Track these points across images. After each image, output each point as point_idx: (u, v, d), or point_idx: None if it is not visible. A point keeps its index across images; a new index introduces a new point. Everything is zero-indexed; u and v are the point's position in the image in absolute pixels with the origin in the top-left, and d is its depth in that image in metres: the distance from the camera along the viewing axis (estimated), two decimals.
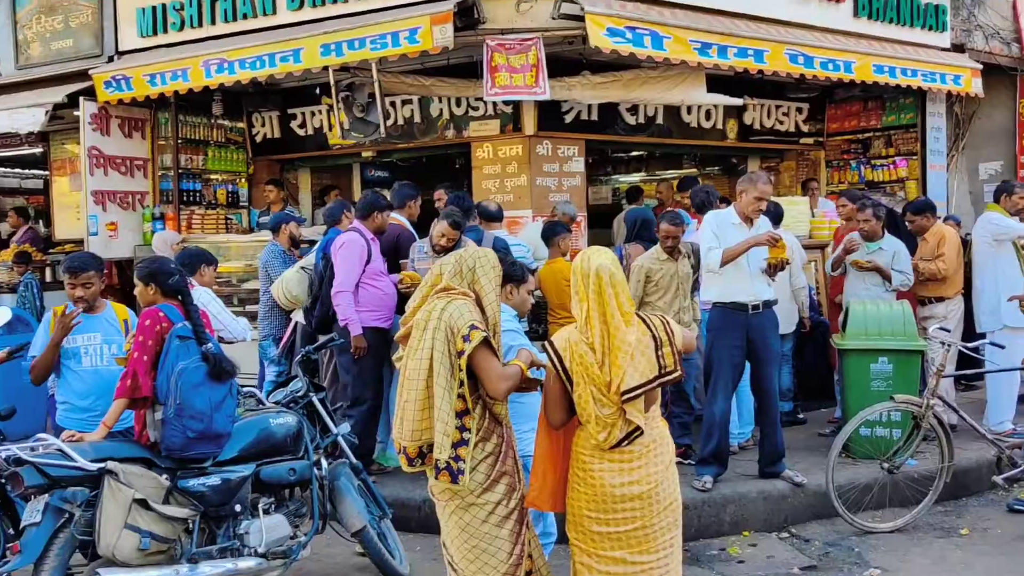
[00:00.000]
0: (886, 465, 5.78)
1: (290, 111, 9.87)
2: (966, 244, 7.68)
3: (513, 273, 4.04)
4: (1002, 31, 10.86)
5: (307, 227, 9.07)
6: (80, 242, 9.45)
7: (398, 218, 6.77)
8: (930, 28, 9.79)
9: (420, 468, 3.56)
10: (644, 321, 3.42)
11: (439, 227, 6.07)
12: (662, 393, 3.61)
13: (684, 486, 3.97)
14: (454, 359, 3.42)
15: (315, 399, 5.06)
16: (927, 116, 10.21)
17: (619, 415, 3.34)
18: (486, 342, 3.42)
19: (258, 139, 10.25)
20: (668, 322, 3.47)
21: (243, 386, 4.93)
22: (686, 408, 6.53)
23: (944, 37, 9.93)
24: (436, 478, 3.48)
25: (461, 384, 3.42)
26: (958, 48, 10.15)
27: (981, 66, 10.00)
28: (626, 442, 3.37)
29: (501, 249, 5.46)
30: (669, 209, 8.09)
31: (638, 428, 3.36)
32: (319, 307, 6.37)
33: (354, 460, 5.09)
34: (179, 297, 4.37)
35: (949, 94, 9.94)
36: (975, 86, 9.79)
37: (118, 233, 9.35)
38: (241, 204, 10.24)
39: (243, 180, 10.33)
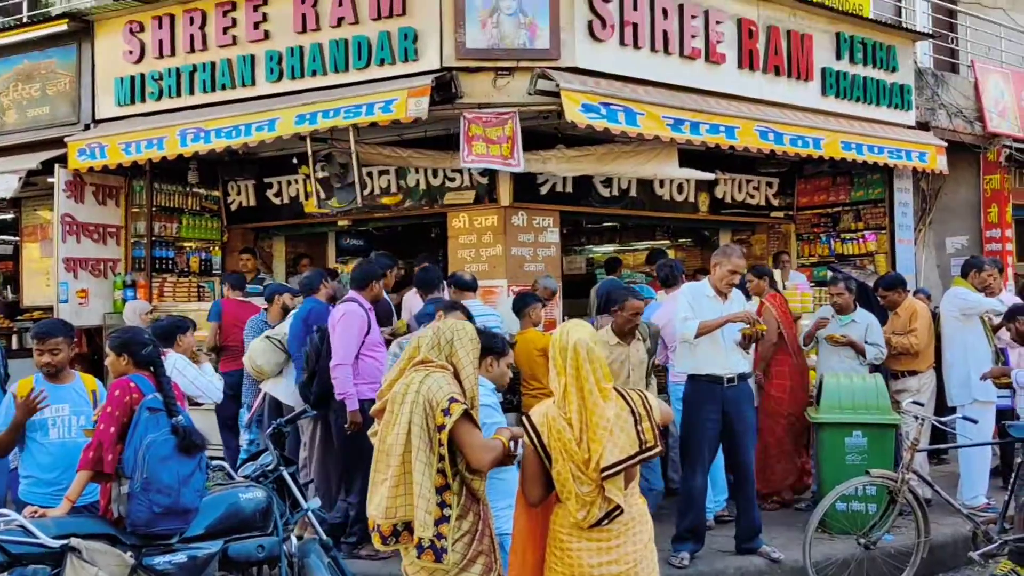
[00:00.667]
0: (863, 540, 5.74)
1: (266, 180, 9.90)
2: (936, 318, 7.77)
3: (493, 345, 4.02)
4: (965, 110, 11.19)
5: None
6: (49, 309, 9.33)
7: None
8: (896, 107, 10.06)
9: (395, 547, 3.48)
10: (622, 395, 3.40)
11: None
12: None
13: (661, 563, 3.91)
14: (433, 433, 3.37)
15: (285, 473, 4.96)
16: (894, 192, 10.43)
17: (598, 493, 3.30)
18: (467, 415, 3.38)
19: (233, 207, 10.25)
20: (646, 396, 3.45)
21: (212, 459, 4.84)
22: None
23: (909, 115, 10.20)
24: (419, 558, 3.39)
25: (441, 459, 3.37)
26: (923, 126, 10.43)
27: (946, 144, 10.26)
28: (606, 520, 3.32)
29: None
30: (631, 284, 8.19)
31: (618, 507, 3.31)
32: (317, 382, 6.11)
33: (324, 536, 4.98)
34: (151, 368, 4.30)
35: (915, 170, 10.17)
36: (940, 163, 10.03)
37: (88, 301, 9.24)
38: (214, 272, 10.18)
39: (217, 248, 10.30)
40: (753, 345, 6.07)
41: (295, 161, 8.98)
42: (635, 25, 7.92)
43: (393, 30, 7.66)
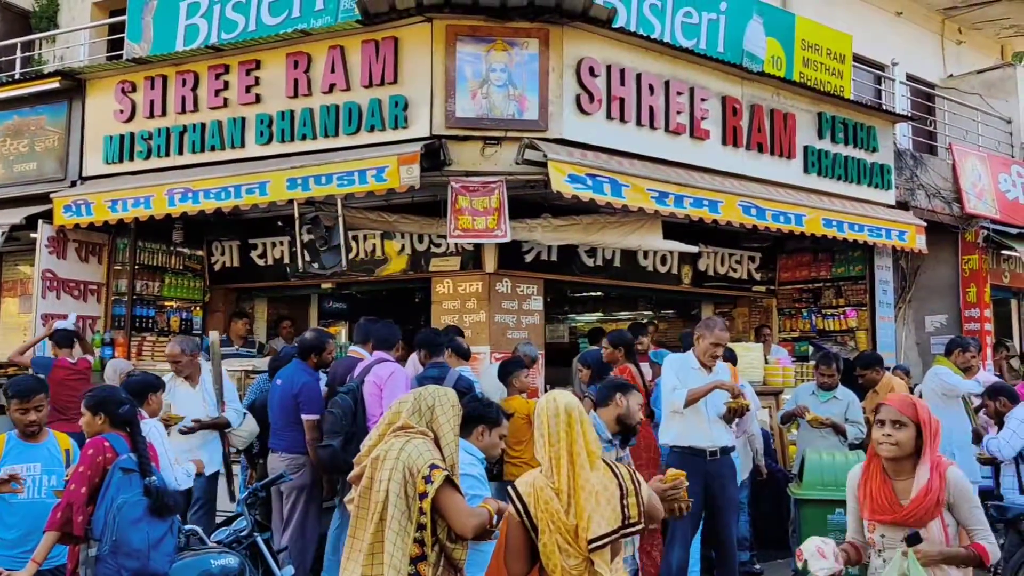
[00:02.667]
0: None
1: (251, 241, 9.90)
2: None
3: (487, 414, 3.97)
4: (943, 191, 11.41)
5: (259, 359, 8.95)
6: (25, 367, 9.19)
7: (360, 351, 6.71)
8: (876, 186, 10.24)
9: None
10: (611, 468, 3.36)
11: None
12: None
13: None
14: (412, 501, 3.30)
15: (259, 540, 4.86)
16: (875, 269, 10.55)
17: (585, 567, 3.23)
18: (449, 481, 3.32)
19: (216, 267, 10.22)
20: (635, 472, 3.41)
21: (185, 523, 4.73)
22: None
23: (889, 195, 10.38)
24: None
25: (420, 528, 3.29)
26: (903, 206, 10.61)
27: (925, 223, 10.43)
28: None
29: (465, 388, 5.40)
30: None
31: None
32: (355, 446, 5.97)
33: None
34: (128, 428, 4.22)
35: (895, 249, 10.31)
36: (919, 242, 10.18)
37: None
38: (195, 332, 10.08)
39: (198, 308, 10.22)
40: (736, 420, 6.06)
41: (280, 223, 9.00)
42: (622, 100, 8.06)
43: (384, 98, 7.76)
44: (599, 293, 11.72)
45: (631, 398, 4.61)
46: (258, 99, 8.37)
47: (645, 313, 12.28)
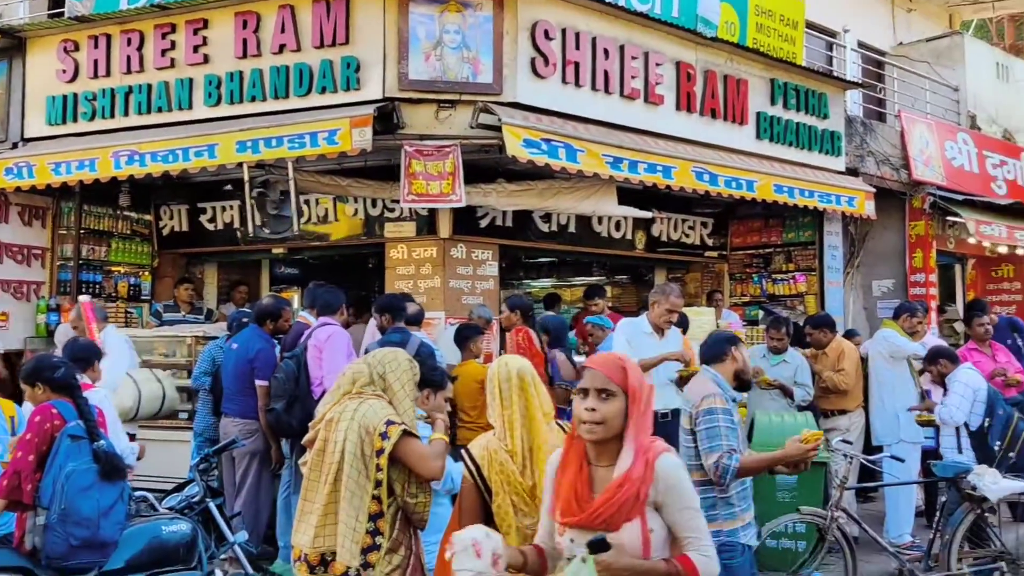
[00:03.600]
0: None
1: (200, 205, 9.73)
2: (864, 359, 7.96)
3: (432, 378, 3.98)
4: (892, 158, 11.57)
5: (209, 324, 8.84)
6: None
7: (309, 317, 6.68)
8: (826, 152, 10.36)
9: None
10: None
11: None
12: None
13: None
14: (369, 460, 3.30)
15: (211, 505, 4.83)
16: (824, 235, 10.71)
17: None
18: (407, 432, 3.32)
19: (165, 232, 10.03)
20: None
21: (135, 489, 4.68)
22: None
23: (839, 161, 10.51)
24: None
25: (378, 485, 3.30)
26: (852, 172, 10.74)
27: (874, 189, 10.59)
28: None
29: (427, 355, 5.41)
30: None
31: None
32: (299, 408, 5.99)
33: (250, 571, 4.85)
34: (70, 392, 4.14)
35: (844, 215, 10.46)
36: (868, 208, 10.34)
37: (9, 324, 8.92)
38: (143, 298, 9.93)
39: (146, 273, 10.05)
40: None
41: (230, 187, 8.86)
42: (577, 64, 8.03)
43: (335, 59, 7.63)
44: (554, 259, 11.74)
45: (744, 350, 4.49)
46: (206, 59, 8.18)
47: (599, 279, 12.34)
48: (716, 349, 4.43)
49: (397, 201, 7.95)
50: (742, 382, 4.44)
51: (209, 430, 6.81)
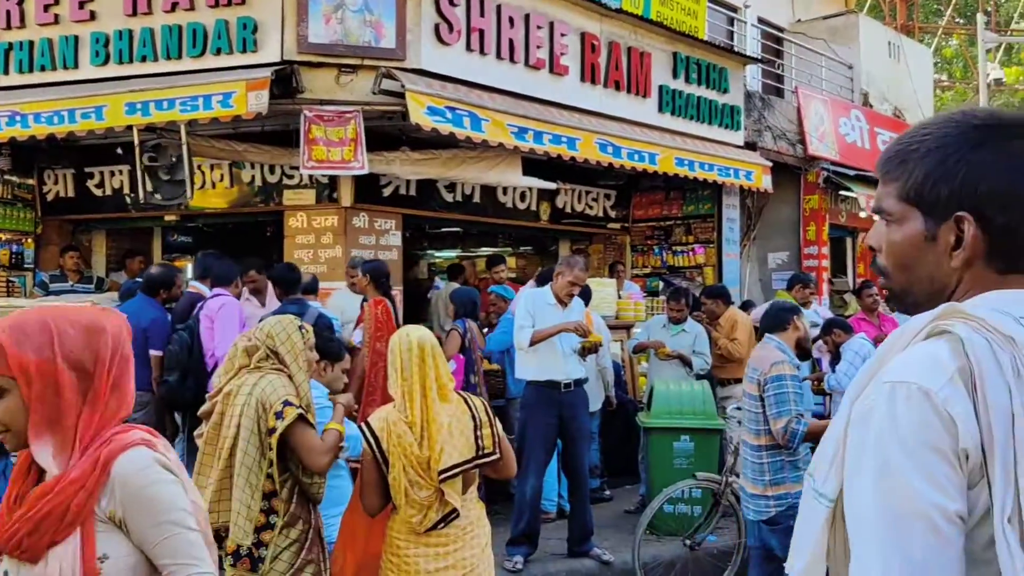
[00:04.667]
0: (688, 542, 5.94)
1: (87, 169, 9.28)
2: (759, 330, 8.17)
3: (329, 349, 3.90)
4: (788, 133, 11.87)
5: (100, 294, 8.48)
6: None
7: (200, 287, 6.49)
8: (726, 126, 10.55)
9: (218, 553, 3.30)
10: (465, 401, 3.36)
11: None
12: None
13: (495, 567, 3.89)
14: (264, 437, 3.22)
15: None
16: (723, 207, 10.94)
17: (436, 497, 3.25)
18: (301, 418, 3.25)
19: (49, 197, 9.55)
20: (488, 404, 3.43)
21: None
22: None
23: (738, 135, 10.72)
24: (233, 566, 3.23)
25: (271, 464, 3.23)
26: (750, 146, 10.98)
27: (771, 164, 10.85)
28: (442, 525, 3.27)
29: (325, 326, 5.31)
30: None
31: (455, 510, 3.27)
32: (191, 379, 5.87)
33: None
34: None
35: (742, 188, 10.69)
36: (765, 182, 10.59)
37: None
38: (26, 266, 9.45)
39: (30, 241, 9.56)
40: (590, 356, 6.23)
41: (120, 151, 8.48)
42: (481, 32, 7.94)
43: (231, 19, 7.36)
44: (458, 229, 11.68)
45: (803, 319, 4.42)
46: (93, 16, 7.77)
47: (504, 249, 12.35)
48: (779, 319, 4.46)
49: (296, 168, 7.74)
50: (803, 350, 4.50)
51: None
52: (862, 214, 12.35)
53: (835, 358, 7.02)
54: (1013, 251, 1.28)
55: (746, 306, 9.24)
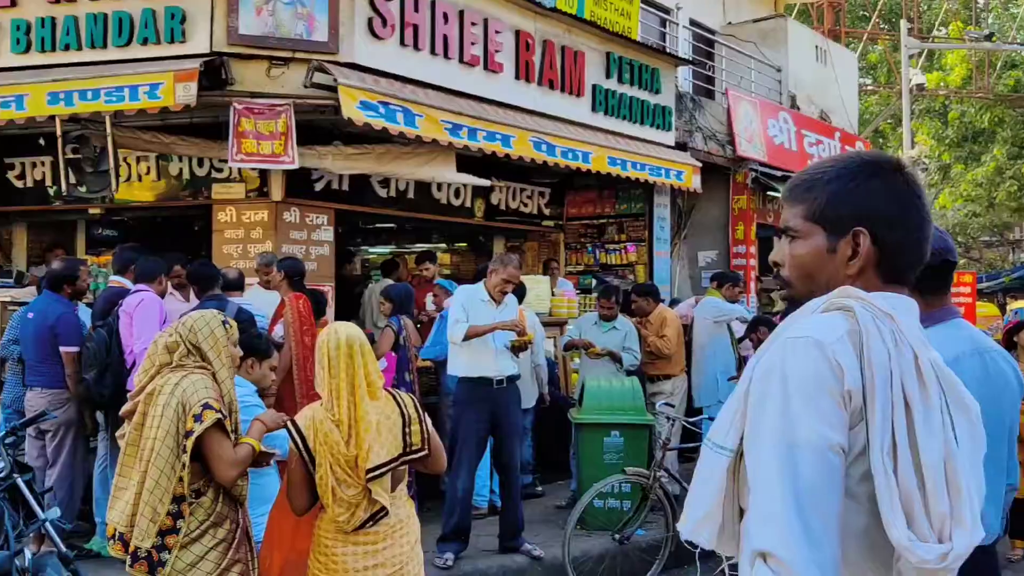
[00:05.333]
0: (617, 536, 6.02)
1: (7, 160, 8.98)
2: (688, 327, 8.33)
3: (257, 346, 3.84)
4: (718, 134, 12.08)
5: (19, 289, 8.23)
6: None
7: (122, 281, 6.35)
8: (658, 127, 10.69)
9: None
10: (394, 397, 3.35)
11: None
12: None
13: (425, 564, 3.89)
14: (180, 439, 3.17)
15: (19, 481, 4.51)
16: (654, 207, 11.10)
17: (364, 495, 3.23)
18: (219, 424, 3.20)
19: None
20: (417, 402, 3.43)
21: None
22: None
23: (669, 136, 10.87)
24: (130, 566, 3.17)
25: (184, 466, 3.17)
26: (681, 147, 11.14)
27: (701, 164, 11.03)
28: (370, 523, 3.26)
29: (245, 320, 5.22)
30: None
31: (383, 508, 3.26)
32: (110, 377, 5.72)
33: (63, 549, 4.56)
34: None
35: (673, 188, 10.85)
36: (695, 182, 10.76)
37: None
38: None
39: None
40: (521, 353, 6.27)
41: (42, 142, 8.23)
42: (416, 27, 7.90)
43: (159, 8, 7.19)
44: (393, 225, 11.62)
45: None
46: (14, 3, 7.51)
47: (439, 246, 12.32)
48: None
49: (225, 161, 7.61)
50: None
51: (18, 402, 6.35)
52: None
53: None
54: (896, 265, 1.54)
55: (675, 304, 9.41)
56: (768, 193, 12.98)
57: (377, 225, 11.71)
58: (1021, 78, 22.52)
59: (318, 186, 8.43)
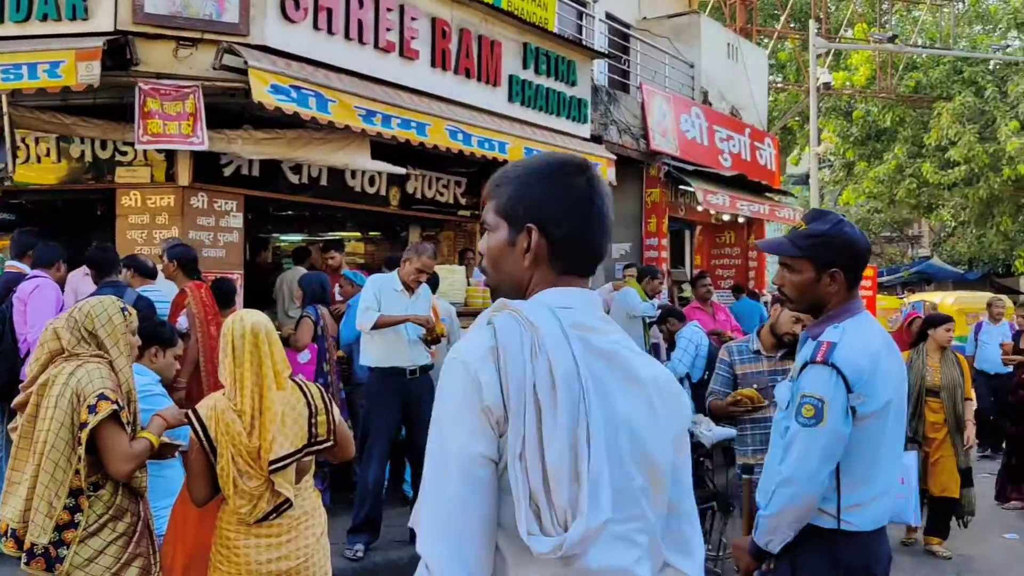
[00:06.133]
0: None
1: None
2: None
3: (161, 335, 3.73)
4: (633, 127, 12.23)
5: None
6: None
7: (19, 266, 6.10)
8: (574, 119, 10.76)
9: None
10: (300, 388, 3.29)
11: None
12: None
13: (335, 555, 3.84)
14: (75, 430, 3.05)
15: None
16: None
17: (266, 487, 3.17)
18: (114, 416, 3.08)
19: None
20: (325, 392, 3.37)
21: None
22: None
23: (585, 128, 10.96)
24: (26, 564, 3.04)
25: (80, 459, 3.06)
26: (596, 139, 11.25)
27: (615, 157, 11.14)
28: (274, 515, 3.19)
29: (144, 308, 5.06)
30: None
31: (287, 500, 3.20)
32: (3, 365, 5.54)
33: None
34: None
35: None
36: (610, 175, 10.86)
37: None
38: None
39: None
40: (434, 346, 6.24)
41: None
42: (329, 11, 7.77)
43: None
44: (305, 212, 11.41)
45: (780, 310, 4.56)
46: None
47: (353, 234, 12.16)
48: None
49: (130, 143, 7.36)
50: (778, 338, 4.70)
51: None
52: (699, 208, 12.87)
53: (671, 346, 7.30)
54: (566, 257, 1.68)
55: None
56: (680, 187, 13.21)
57: (288, 212, 11.49)
58: (921, 80, 23.40)
59: (227, 171, 8.22)
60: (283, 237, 12.46)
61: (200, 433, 3.17)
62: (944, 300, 15.11)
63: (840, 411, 2.56)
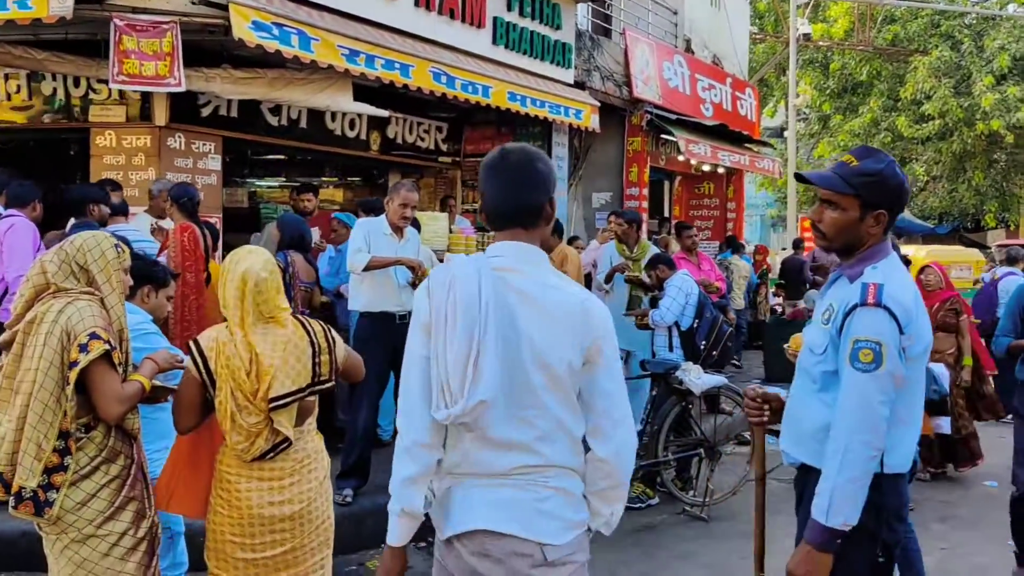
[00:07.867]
0: None
1: None
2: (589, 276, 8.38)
3: (153, 274, 3.60)
4: (615, 74, 12.06)
5: None
6: None
7: None
8: (558, 64, 10.58)
9: None
10: (303, 325, 3.19)
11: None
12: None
13: None
14: (65, 370, 2.93)
15: None
16: (552, 145, 11.02)
17: (266, 424, 3.08)
18: (106, 356, 2.97)
19: None
20: (330, 330, 3.27)
21: None
22: None
23: (569, 74, 10.78)
24: (14, 508, 2.95)
25: (69, 399, 2.95)
26: (580, 85, 11.07)
27: (599, 104, 10.99)
28: (272, 454, 3.11)
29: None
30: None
31: (286, 439, 3.11)
32: None
33: None
34: None
35: (571, 127, 10.80)
36: (593, 122, 10.74)
37: None
38: None
39: None
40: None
41: None
42: None
43: None
44: (283, 156, 11.18)
45: None
46: None
47: (332, 179, 11.95)
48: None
49: (105, 81, 7.11)
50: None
51: None
52: (680, 157, 12.79)
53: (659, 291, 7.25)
54: (493, 220, 2.38)
55: (571, 241, 9.41)
56: (662, 136, 13.10)
57: (268, 156, 11.25)
58: (899, 33, 23.34)
59: (205, 111, 8.00)
60: (260, 181, 12.21)
61: (200, 365, 3.06)
62: (916, 254, 15.22)
63: (896, 353, 2.48)
